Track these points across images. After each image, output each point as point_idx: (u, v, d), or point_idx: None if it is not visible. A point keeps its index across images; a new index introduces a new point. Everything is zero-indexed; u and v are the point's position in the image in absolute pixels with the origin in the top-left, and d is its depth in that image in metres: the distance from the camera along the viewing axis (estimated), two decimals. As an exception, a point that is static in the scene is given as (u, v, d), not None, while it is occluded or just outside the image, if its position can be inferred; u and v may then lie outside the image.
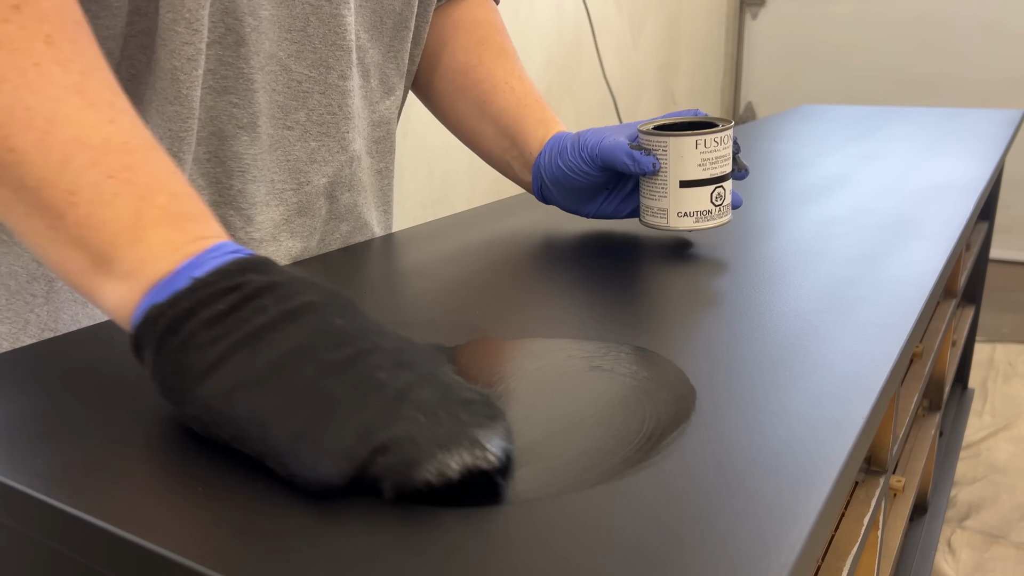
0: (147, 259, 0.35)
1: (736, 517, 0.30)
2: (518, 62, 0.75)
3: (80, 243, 0.36)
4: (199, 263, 0.35)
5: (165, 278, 0.35)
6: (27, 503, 0.32)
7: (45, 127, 0.35)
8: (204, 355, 0.33)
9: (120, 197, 0.36)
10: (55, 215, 0.36)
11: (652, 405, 0.39)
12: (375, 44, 0.66)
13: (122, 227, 0.36)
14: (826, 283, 0.56)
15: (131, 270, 0.35)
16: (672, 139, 0.62)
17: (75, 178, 0.35)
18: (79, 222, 0.36)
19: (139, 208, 0.36)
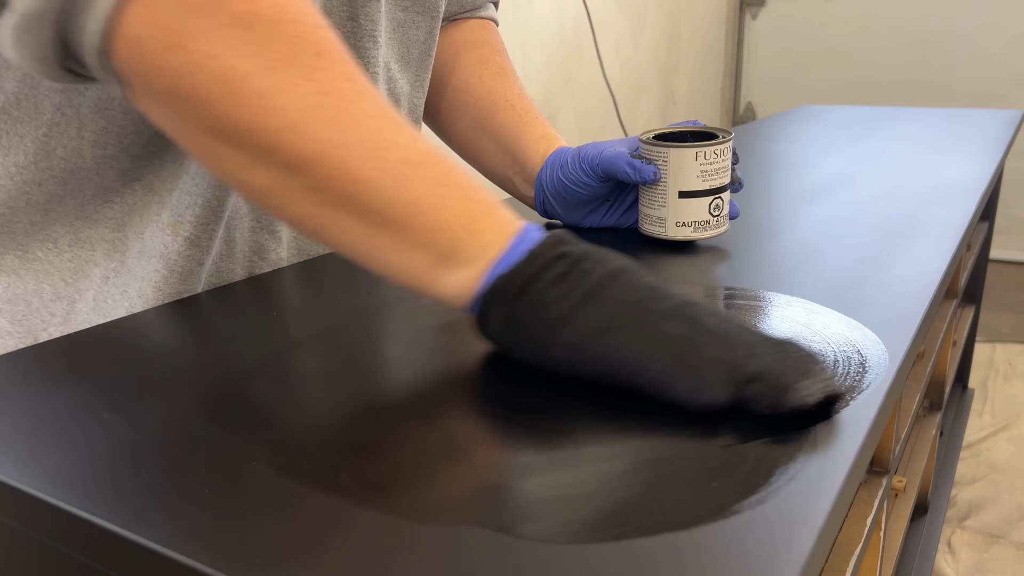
0: (485, 244, 0.41)
1: (745, 518, 0.30)
2: (517, 80, 0.76)
3: (426, 247, 0.41)
4: (523, 239, 0.42)
5: (502, 255, 0.41)
6: (32, 504, 0.32)
7: (379, 155, 0.40)
8: (558, 308, 0.39)
9: (451, 200, 0.41)
10: (400, 228, 0.40)
11: (657, 406, 0.39)
12: (404, 75, 0.68)
13: (460, 224, 0.41)
14: (829, 284, 0.56)
15: (472, 256, 0.41)
16: (672, 150, 0.63)
17: (413, 192, 0.40)
18: (425, 228, 0.41)
19: (467, 206, 0.42)
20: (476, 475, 0.33)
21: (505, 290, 0.40)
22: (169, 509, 0.31)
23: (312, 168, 0.39)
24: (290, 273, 0.61)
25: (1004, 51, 2.88)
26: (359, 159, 0.39)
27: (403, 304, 0.53)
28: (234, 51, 0.38)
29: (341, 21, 0.59)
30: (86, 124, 0.52)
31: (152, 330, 0.51)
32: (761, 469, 0.33)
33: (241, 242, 0.60)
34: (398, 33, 0.65)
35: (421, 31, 0.67)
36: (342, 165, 0.39)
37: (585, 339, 0.39)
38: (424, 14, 0.66)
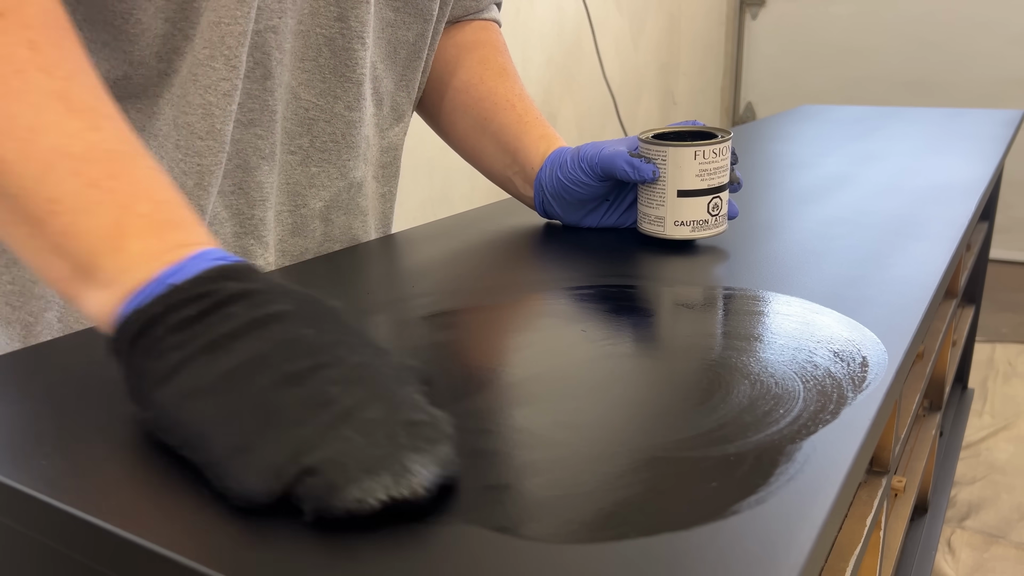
0: (127, 267, 0.35)
1: (745, 518, 0.30)
2: (518, 81, 0.76)
3: (62, 252, 0.36)
4: (178, 270, 0.35)
5: (143, 285, 0.35)
6: (31, 504, 0.32)
7: (27, 135, 0.35)
8: (166, 360, 0.33)
9: (101, 206, 0.36)
10: (36, 224, 0.36)
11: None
12: (389, 73, 0.67)
13: (103, 236, 0.35)
14: (829, 284, 0.56)
15: (111, 279, 0.35)
16: (671, 149, 0.63)
17: (56, 187, 0.35)
18: (61, 231, 0.35)
19: (120, 217, 0.36)
20: (474, 474, 0.33)
21: (126, 329, 0.34)
22: (169, 509, 0.31)
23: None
24: (278, 276, 0.61)
25: (1004, 51, 2.88)
26: (1, 136, 0.35)
27: (394, 307, 0.53)
28: None
29: (329, 22, 0.59)
30: None
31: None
32: (760, 469, 0.33)
33: (225, 247, 0.59)
34: (386, 32, 0.65)
35: (411, 32, 0.66)
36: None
37: (171, 401, 0.32)
38: (416, 16, 0.66)
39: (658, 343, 0.48)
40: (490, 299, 0.55)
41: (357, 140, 0.64)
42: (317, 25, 0.58)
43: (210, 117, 0.53)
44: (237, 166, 0.57)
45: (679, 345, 0.47)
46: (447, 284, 0.58)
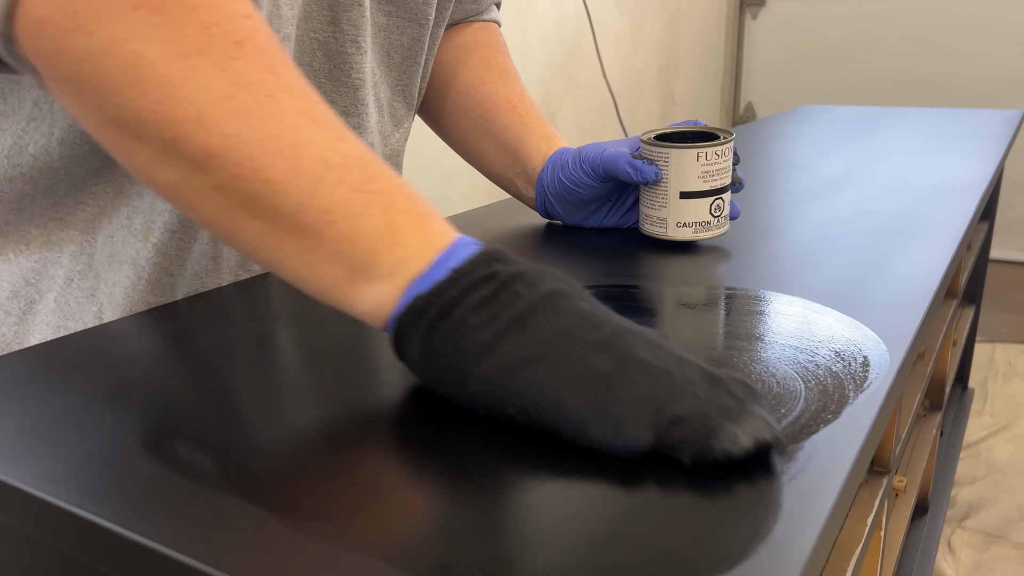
0: (405, 259, 0.37)
1: (741, 521, 0.30)
2: (519, 82, 0.76)
3: (339, 257, 0.37)
4: (451, 256, 0.37)
5: (424, 272, 0.37)
6: (32, 504, 0.32)
7: (293, 153, 0.36)
8: (477, 337, 0.35)
9: (370, 208, 0.37)
10: (313, 236, 0.37)
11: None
12: (385, 79, 0.67)
13: (378, 235, 0.37)
14: (830, 284, 0.56)
15: (391, 271, 0.37)
16: (673, 151, 0.63)
17: (328, 197, 0.37)
18: (338, 237, 0.37)
19: (389, 215, 0.38)
20: (476, 475, 0.33)
21: (423, 312, 0.36)
22: (169, 509, 0.31)
23: (218, 165, 0.36)
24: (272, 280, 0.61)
25: (1004, 51, 2.88)
26: (269, 157, 0.36)
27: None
28: (141, 35, 0.35)
29: (322, 26, 0.59)
30: (57, 121, 0.51)
31: (152, 331, 0.51)
32: (762, 469, 0.33)
33: (229, 257, 0.59)
34: (379, 37, 0.64)
35: (405, 37, 0.66)
36: (250, 163, 0.36)
37: (502, 372, 0.35)
38: (410, 20, 0.66)
39: (659, 343, 0.48)
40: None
41: None
42: (310, 29, 0.58)
43: None
44: None
45: (681, 345, 0.47)
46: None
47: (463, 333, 0.35)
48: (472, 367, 0.35)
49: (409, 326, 0.37)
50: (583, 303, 0.37)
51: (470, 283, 0.36)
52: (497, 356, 0.35)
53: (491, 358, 0.35)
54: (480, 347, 0.35)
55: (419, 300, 0.36)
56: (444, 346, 0.36)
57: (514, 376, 0.34)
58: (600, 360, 0.34)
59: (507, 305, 0.36)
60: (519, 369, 0.34)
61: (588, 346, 0.35)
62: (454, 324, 0.36)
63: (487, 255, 0.38)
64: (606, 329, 0.35)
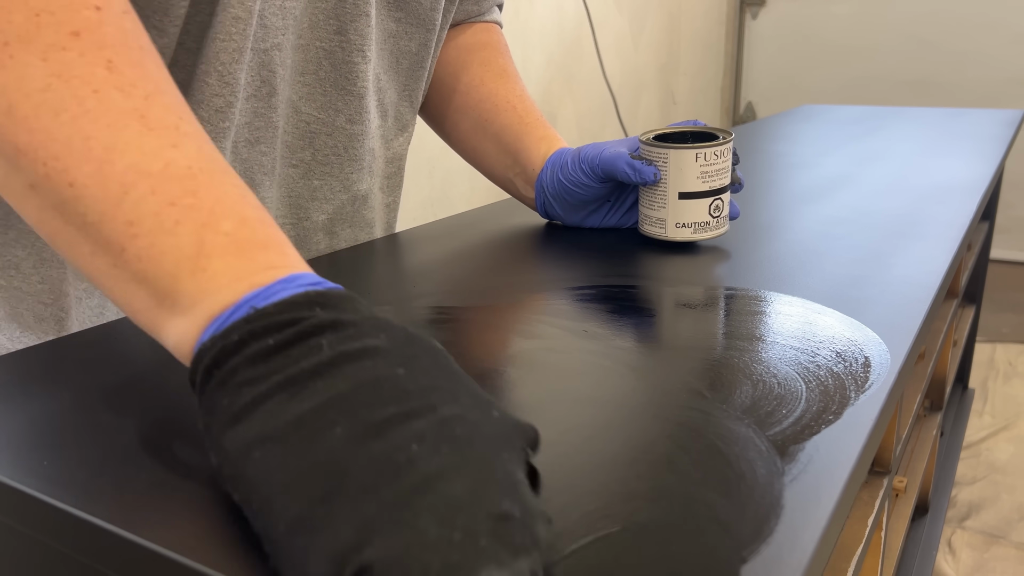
0: (209, 289, 0.32)
1: (741, 521, 0.30)
2: (519, 82, 0.76)
3: (142, 278, 0.33)
4: (266, 294, 0.31)
5: (226, 310, 0.31)
6: (31, 505, 0.32)
7: (103, 156, 0.33)
8: (239, 397, 0.29)
9: (181, 225, 0.33)
10: (117, 250, 0.33)
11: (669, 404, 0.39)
12: (392, 84, 0.67)
13: (183, 256, 0.32)
14: (831, 284, 0.56)
15: (192, 302, 0.32)
16: (672, 151, 0.63)
17: (134, 208, 0.33)
18: (140, 255, 0.33)
19: (201, 235, 0.33)
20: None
21: (201, 358, 0.31)
22: (169, 509, 0.31)
23: (26, 162, 0.33)
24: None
25: (1005, 51, 2.88)
26: (76, 158, 0.33)
27: (395, 307, 0.53)
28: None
29: (328, 35, 0.59)
30: None
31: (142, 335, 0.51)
32: (760, 469, 0.33)
33: None
34: (389, 43, 0.65)
35: (414, 42, 0.66)
36: (55, 163, 0.33)
37: (241, 448, 0.28)
38: (418, 26, 0.66)
39: (660, 343, 0.48)
40: (491, 299, 0.55)
41: (361, 153, 0.64)
42: (316, 39, 0.58)
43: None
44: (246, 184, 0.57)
45: (681, 345, 0.47)
46: (448, 284, 0.58)
47: (231, 389, 0.29)
48: (221, 434, 0.29)
49: (193, 372, 0.31)
50: (400, 368, 0.29)
51: (259, 328, 0.30)
52: (243, 426, 0.28)
53: (238, 427, 0.28)
54: (236, 411, 0.29)
55: (206, 343, 0.31)
56: (210, 402, 0.30)
57: (246, 456, 0.28)
58: (352, 451, 0.26)
59: (291, 360, 0.29)
60: (254, 448, 0.28)
61: (353, 428, 0.27)
62: (223, 377, 0.30)
63: (310, 298, 0.31)
64: (395, 408, 0.27)
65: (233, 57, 0.51)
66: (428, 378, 0.29)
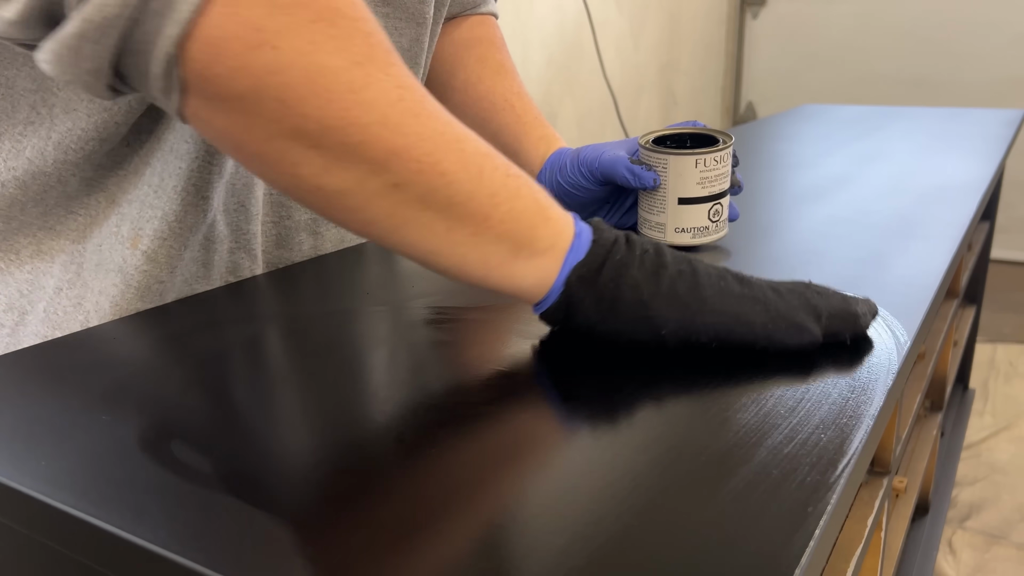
0: (557, 231, 0.43)
1: (741, 520, 0.30)
2: (517, 78, 0.76)
3: (505, 237, 0.41)
4: (583, 229, 0.44)
5: (573, 242, 0.43)
6: (29, 505, 0.32)
7: (458, 146, 0.40)
8: (657, 286, 0.42)
9: (521, 189, 0.42)
10: (481, 219, 0.40)
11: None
12: None
13: (533, 212, 0.42)
14: (830, 284, 0.56)
15: (549, 244, 0.42)
16: (672, 157, 0.63)
17: (491, 183, 0.41)
18: (503, 219, 0.41)
19: (534, 195, 0.43)
20: (474, 476, 0.33)
21: (594, 274, 0.42)
22: (168, 509, 0.31)
23: (399, 163, 0.38)
24: (270, 281, 0.61)
25: (1005, 51, 2.88)
26: (443, 151, 0.39)
27: (394, 307, 0.53)
28: (321, 47, 0.36)
29: None
30: (56, 125, 0.51)
31: (147, 333, 0.51)
32: (762, 469, 0.33)
33: (219, 264, 0.59)
34: None
35: (405, 38, 0.66)
36: (428, 158, 0.39)
37: (688, 311, 0.42)
38: (408, 21, 0.65)
39: (659, 343, 0.48)
40: (490, 299, 0.55)
41: None
42: None
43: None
44: (244, 185, 0.58)
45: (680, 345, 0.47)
46: (447, 284, 0.58)
47: (636, 287, 0.42)
48: (659, 312, 0.42)
49: (582, 290, 0.42)
50: (693, 260, 0.44)
51: (616, 247, 0.43)
52: (674, 294, 0.42)
53: (674, 296, 0.42)
54: (655, 290, 0.42)
55: (584, 265, 0.42)
56: (625, 302, 0.42)
57: (704, 311, 0.42)
58: (751, 290, 0.43)
59: (656, 262, 0.43)
60: (702, 305, 0.42)
61: (735, 283, 0.43)
62: (632, 280, 0.42)
63: (596, 225, 0.44)
64: (735, 273, 0.44)
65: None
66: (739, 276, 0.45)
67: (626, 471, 0.33)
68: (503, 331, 0.50)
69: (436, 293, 0.55)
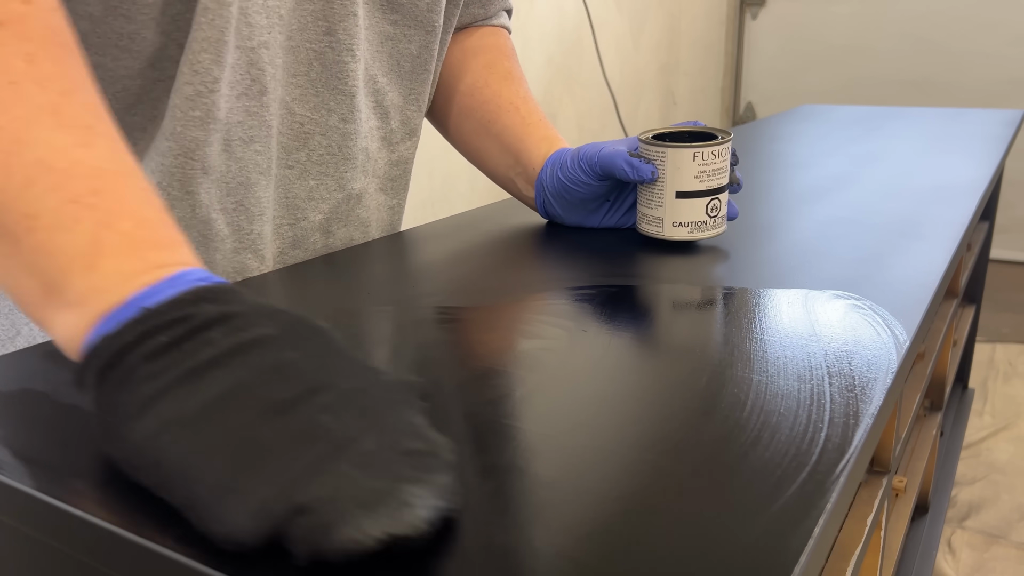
0: (99, 288, 0.33)
1: (740, 519, 0.30)
2: (524, 84, 0.76)
3: (34, 270, 0.34)
4: (153, 293, 0.33)
5: (115, 308, 0.32)
6: (30, 503, 0.32)
7: (10, 148, 0.34)
8: (140, 392, 0.30)
9: (80, 223, 0.33)
10: (12, 241, 0.34)
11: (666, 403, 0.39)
12: (395, 87, 0.67)
13: (77, 254, 0.33)
14: (830, 284, 0.56)
15: (81, 299, 0.33)
16: (670, 150, 0.63)
17: (36, 202, 0.33)
18: (35, 248, 0.33)
19: (98, 234, 0.33)
20: (469, 479, 0.33)
21: (96, 357, 0.32)
22: (169, 509, 0.31)
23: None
24: (279, 277, 0.61)
25: (1004, 51, 2.88)
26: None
27: (395, 307, 0.53)
28: None
29: (317, 36, 0.59)
30: None
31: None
32: (762, 469, 0.33)
33: (223, 263, 0.60)
34: (387, 46, 0.65)
35: (414, 45, 0.66)
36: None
37: (147, 436, 0.30)
38: (417, 28, 0.66)
39: (659, 344, 0.48)
40: (491, 299, 0.55)
41: (354, 152, 0.64)
42: (306, 40, 0.59)
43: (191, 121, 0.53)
44: (240, 183, 0.58)
45: (680, 345, 0.47)
46: (448, 284, 0.58)
47: (130, 386, 0.30)
48: (125, 427, 0.30)
49: (86, 370, 0.32)
50: (292, 352, 0.32)
51: (152, 327, 0.31)
52: (150, 417, 0.30)
53: (144, 419, 0.30)
54: (139, 405, 0.30)
55: (98, 342, 0.32)
56: (109, 400, 0.31)
57: (156, 443, 0.29)
58: (265, 427, 0.29)
59: (189, 355, 0.31)
60: (164, 434, 0.29)
61: (263, 408, 0.29)
62: (122, 375, 0.31)
63: (197, 294, 0.33)
64: (299, 386, 0.30)
65: (203, 47, 0.51)
66: (320, 358, 0.32)
67: (626, 471, 0.33)
68: (507, 330, 0.50)
69: (438, 293, 0.56)
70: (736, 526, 0.29)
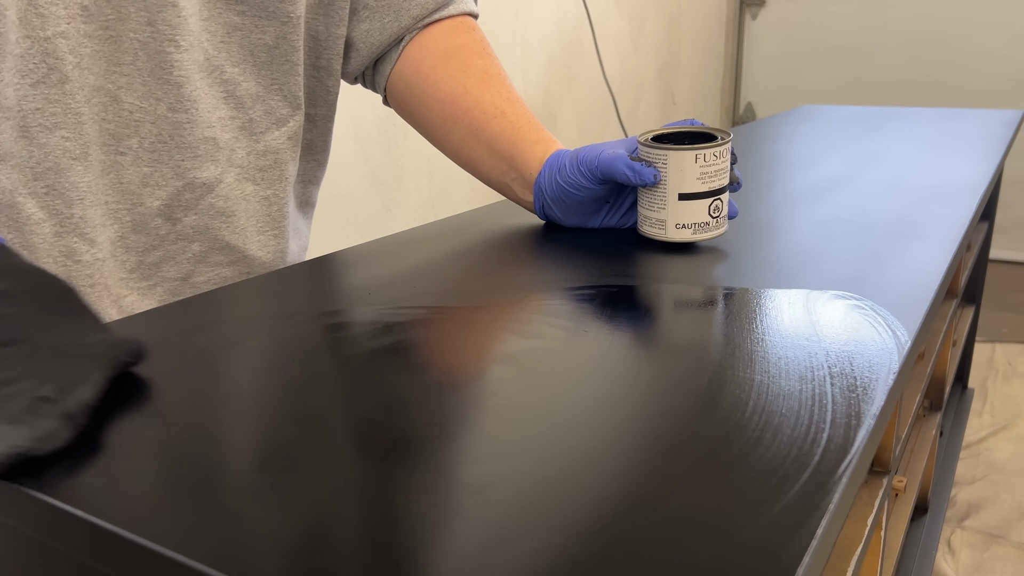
0: None
1: (742, 521, 0.30)
2: (505, 82, 0.75)
3: None
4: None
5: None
6: (31, 505, 0.32)
7: None
8: None
9: None
10: None
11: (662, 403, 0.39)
12: (250, 77, 0.67)
13: None
14: (830, 284, 0.56)
15: None
16: (672, 153, 0.63)
17: None
18: None
19: None
20: (467, 476, 0.33)
21: None
22: (169, 509, 0.31)
23: None
24: (299, 274, 0.61)
25: (1004, 51, 2.89)
26: None
27: (395, 307, 0.53)
28: None
29: (140, 26, 0.60)
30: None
31: (151, 332, 0.51)
32: (762, 469, 0.33)
33: (45, 247, 0.60)
34: (235, 37, 0.65)
35: (268, 35, 0.66)
36: None
37: None
38: (268, 19, 0.65)
39: (659, 344, 0.48)
40: (491, 299, 0.55)
41: (191, 141, 0.64)
42: (129, 30, 0.59)
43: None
44: (48, 169, 0.58)
45: (680, 346, 0.47)
46: (448, 284, 0.58)
47: None
48: None
49: None
50: (6, 308, 0.38)
51: None
52: None
53: None
54: None
55: None
56: None
57: None
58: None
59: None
60: None
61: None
62: None
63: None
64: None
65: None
66: (37, 315, 0.38)
67: (626, 471, 0.33)
68: (503, 330, 0.50)
69: (437, 293, 0.56)
70: (738, 527, 0.29)
